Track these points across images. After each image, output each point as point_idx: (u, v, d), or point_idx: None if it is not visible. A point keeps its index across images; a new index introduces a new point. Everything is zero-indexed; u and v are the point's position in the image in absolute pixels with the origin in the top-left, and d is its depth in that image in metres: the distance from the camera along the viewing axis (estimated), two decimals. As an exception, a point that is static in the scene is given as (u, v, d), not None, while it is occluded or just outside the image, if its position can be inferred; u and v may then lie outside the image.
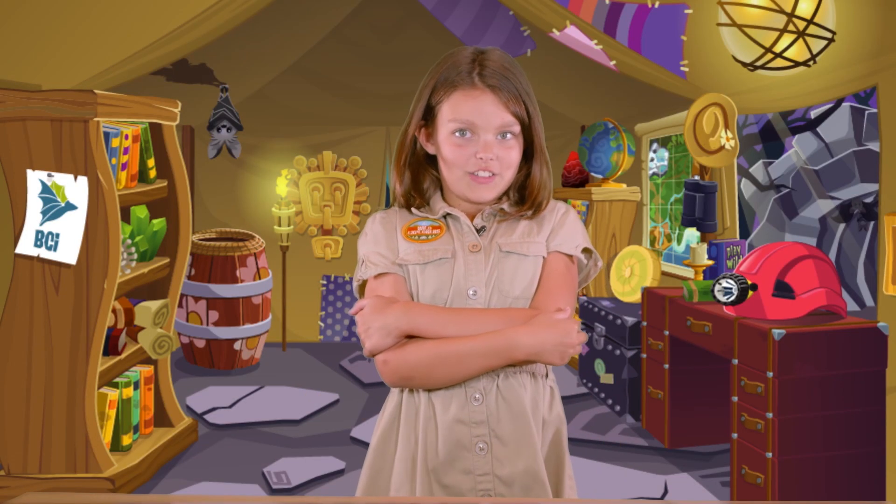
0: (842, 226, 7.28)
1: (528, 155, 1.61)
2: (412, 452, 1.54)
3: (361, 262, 1.61)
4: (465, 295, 1.53)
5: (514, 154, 1.57)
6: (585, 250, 1.62)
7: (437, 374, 1.49)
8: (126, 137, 3.55)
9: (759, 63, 3.88)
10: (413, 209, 1.63)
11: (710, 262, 3.99)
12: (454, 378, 1.50)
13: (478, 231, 1.59)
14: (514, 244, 1.56)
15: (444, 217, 1.61)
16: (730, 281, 3.25)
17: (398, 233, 1.60)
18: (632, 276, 4.75)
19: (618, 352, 4.38)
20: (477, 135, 1.54)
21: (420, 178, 1.64)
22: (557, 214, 1.62)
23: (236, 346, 5.29)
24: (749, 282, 3.24)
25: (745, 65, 3.94)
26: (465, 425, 1.51)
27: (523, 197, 1.62)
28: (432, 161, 1.64)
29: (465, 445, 1.51)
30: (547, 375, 1.60)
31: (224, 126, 5.66)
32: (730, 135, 4.02)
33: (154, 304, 3.70)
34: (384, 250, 1.59)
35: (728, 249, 4.04)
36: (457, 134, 1.55)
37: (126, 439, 3.60)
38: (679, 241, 4.90)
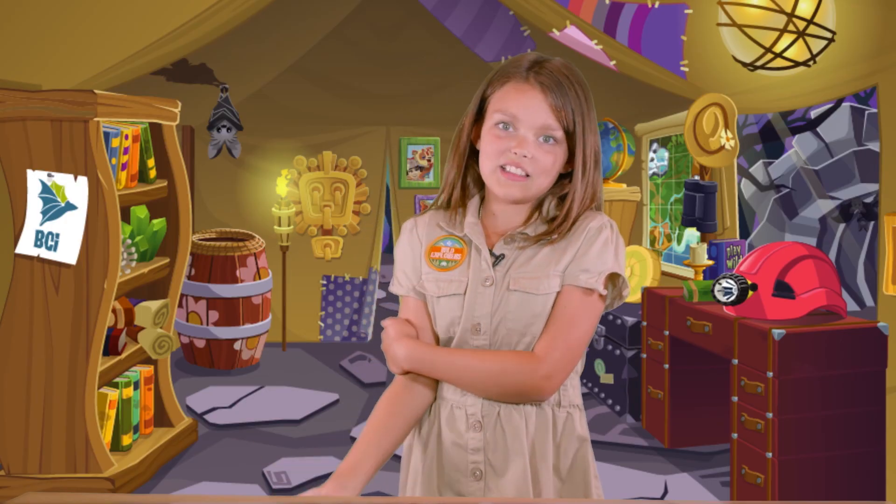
0: (842, 226, 7.28)
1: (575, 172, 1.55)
2: (417, 469, 1.58)
3: (395, 276, 1.64)
4: (471, 330, 1.52)
5: (551, 160, 1.51)
6: (612, 276, 1.52)
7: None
8: (126, 137, 3.55)
9: (759, 63, 3.88)
10: (445, 218, 1.60)
11: (710, 262, 3.99)
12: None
13: (497, 259, 1.54)
14: (525, 281, 1.51)
15: (465, 236, 1.57)
16: (730, 281, 3.25)
17: (422, 252, 1.59)
18: (632, 276, 4.75)
19: (618, 352, 4.38)
20: (518, 130, 1.50)
21: (466, 175, 1.61)
22: (587, 235, 1.53)
23: (236, 346, 5.29)
24: (749, 282, 3.24)
25: (745, 65, 3.94)
26: (463, 450, 1.53)
27: (545, 206, 1.57)
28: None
29: (461, 470, 1.53)
30: (560, 404, 1.54)
31: (224, 126, 5.66)
32: (730, 135, 4.02)
33: (154, 304, 3.70)
34: (409, 271, 1.60)
35: (728, 249, 4.04)
36: (500, 126, 1.51)
37: (126, 439, 3.60)
38: (679, 241, 4.91)
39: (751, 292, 3.24)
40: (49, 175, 3.28)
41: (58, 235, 3.28)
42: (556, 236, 1.52)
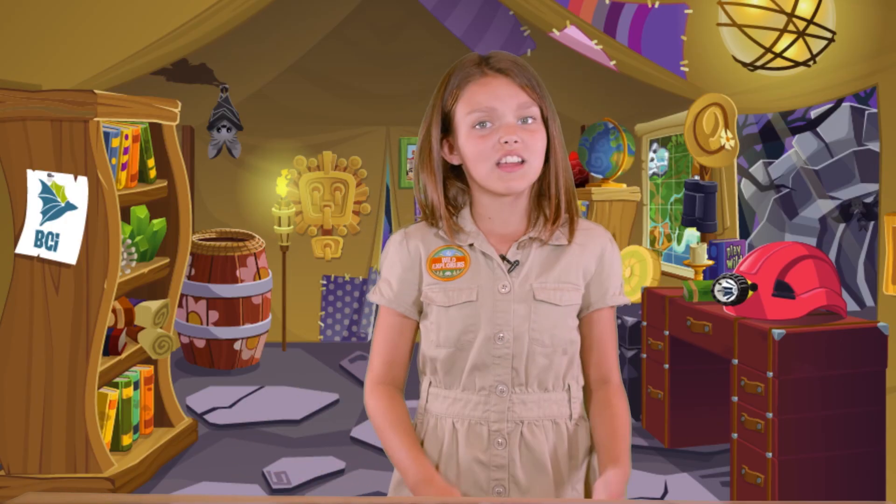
0: (842, 226, 7.28)
1: (546, 154, 1.54)
2: None
3: (378, 285, 1.60)
4: (494, 339, 1.50)
5: (539, 138, 1.50)
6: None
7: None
8: (126, 137, 3.55)
9: (759, 63, 3.88)
10: (439, 229, 1.55)
11: (710, 262, 3.98)
12: None
13: (511, 265, 1.52)
14: (549, 290, 1.52)
15: (470, 245, 1.53)
16: (730, 281, 3.25)
17: (422, 264, 1.55)
18: (632, 276, 4.75)
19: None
20: (498, 121, 1.49)
21: (446, 189, 1.57)
22: (603, 253, 1.57)
23: (236, 346, 5.29)
24: (749, 282, 3.24)
25: (745, 65, 3.94)
26: (486, 468, 1.51)
27: (546, 206, 1.55)
28: (457, 173, 1.58)
29: (483, 488, 1.51)
30: (571, 416, 1.56)
31: (224, 126, 5.66)
32: (730, 135, 4.02)
33: (154, 304, 3.70)
34: (395, 282, 1.57)
35: (728, 249, 4.04)
36: (477, 127, 1.49)
37: (126, 439, 3.60)
38: (679, 241, 4.90)
39: (751, 292, 3.24)
40: (49, 175, 3.28)
41: (58, 235, 3.28)
42: (566, 237, 1.54)
